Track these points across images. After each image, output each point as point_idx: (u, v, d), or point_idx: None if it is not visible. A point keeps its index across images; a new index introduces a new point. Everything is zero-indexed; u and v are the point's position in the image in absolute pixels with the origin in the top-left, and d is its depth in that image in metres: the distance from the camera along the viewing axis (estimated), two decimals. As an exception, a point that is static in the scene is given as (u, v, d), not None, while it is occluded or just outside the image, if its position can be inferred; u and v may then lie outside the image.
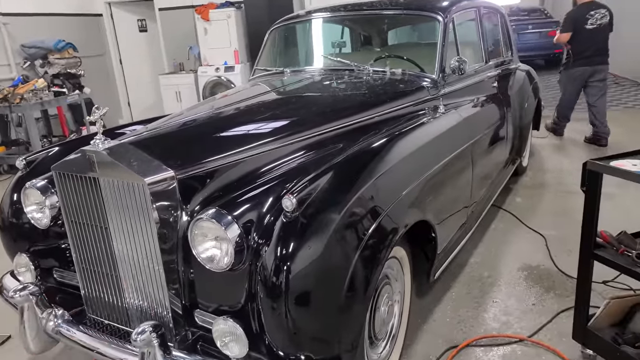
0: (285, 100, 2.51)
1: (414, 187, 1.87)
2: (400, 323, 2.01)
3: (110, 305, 1.78)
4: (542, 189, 3.94)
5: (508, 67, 3.77)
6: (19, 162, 2.12)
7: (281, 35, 3.30)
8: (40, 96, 5.62)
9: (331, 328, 1.46)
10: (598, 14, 4.72)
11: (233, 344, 1.45)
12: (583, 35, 4.73)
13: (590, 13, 4.73)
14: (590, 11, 4.74)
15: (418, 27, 3.33)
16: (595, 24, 4.72)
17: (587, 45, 4.75)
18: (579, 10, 4.83)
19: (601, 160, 1.72)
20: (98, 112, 1.65)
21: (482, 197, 2.88)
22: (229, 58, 7.21)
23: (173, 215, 1.57)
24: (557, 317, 2.24)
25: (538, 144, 5.25)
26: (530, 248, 2.95)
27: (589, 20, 4.72)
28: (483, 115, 2.89)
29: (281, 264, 1.38)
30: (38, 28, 6.85)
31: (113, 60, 8.46)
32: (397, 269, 1.95)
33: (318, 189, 1.51)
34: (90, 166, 1.61)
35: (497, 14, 3.74)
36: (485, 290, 2.53)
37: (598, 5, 4.77)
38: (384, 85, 2.57)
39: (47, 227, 1.94)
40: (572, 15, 4.89)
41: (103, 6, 8.13)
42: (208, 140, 1.88)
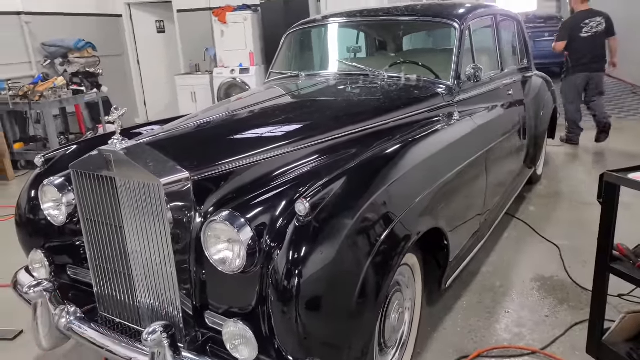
0: (300, 104, 2.52)
1: (427, 194, 1.86)
2: (410, 331, 2.00)
3: (122, 303, 1.80)
4: (556, 198, 3.89)
5: (524, 75, 3.74)
6: (38, 159, 2.16)
7: (297, 39, 3.32)
8: (59, 94, 5.72)
9: (341, 334, 1.46)
10: (594, 22, 4.80)
11: (243, 347, 1.46)
12: (579, 43, 4.82)
13: (586, 22, 4.82)
14: (586, 19, 4.82)
15: (434, 34, 3.32)
16: (590, 32, 4.80)
17: (584, 52, 4.85)
18: (574, 19, 4.93)
19: (619, 172, 1.69)
20: (117, 113, 1.67)
21: (495, 205, 2.86)
22: (245, 60, 7.26)
23: (187, 216, 1.58)
24: (570, 330, 2.20)
25: (553, 153, 5.19)
26: (544, 258, 2.91)
27: (583, 29, 4.82)
28: (498, 123, 2.86)
29: (293, 268, 1.38)
30: (59, 27, 6.98)
31: (131, 60, 8.58)
32: (408, 276, 1.93)
33: (331, 194, 1.51)
34: (107, 165, 1.63)
35: (514, 21, 3.72)
36: (497, 300, 2.50)
37: (594, 13, 4.83)
38: (399, 91, 2.57)
39: (63, 224, 1.97)
40: (567, 24, 5.00)
41: (123, 7, 8.26)
42: (223, 142, 1.90)
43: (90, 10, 7.69)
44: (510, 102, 3.25)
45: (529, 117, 3.64)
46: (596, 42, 4.82)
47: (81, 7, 7.51)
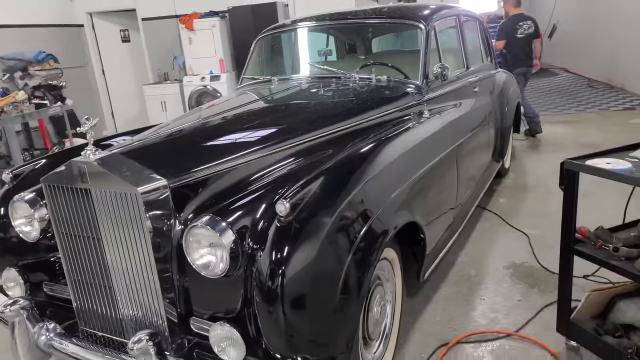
0: (274, 108, 2.55)
1: (402, 190, 1.92)
2: (392, 323, 2.05)
3: (103, 316, 1.78)
4: (523, 189, 4.04)
5: (488, 73, 3.87)
6: (6, 175, 2.11)
7: (268, 44, 3.34)
8: (21, 109, 5.55)
9: (326, 330, 1.49)
10: (525, 25, 5.45)
11: (230, 349, 1.47)
12: (516, 42, 5.46)
13: (520, 24, 5.46)
14: (520, 22, 5.47)
15: (401, 35, 3.41)
16: (524, 33, 5.45)
17: (520, 50, 5.48)
18: (510, 21, 5.57)
19: (577, 159, 1.79)
20: (89, 123, 1.66)
21: (467, 198, 2.95)
22: (215, 67, 7.22)
23: (167, 224, 1.58)
24: (541, 312, 2.31)
25: (519, 146, 5.37)
26: (515, 246, 3.03)
27: (518, 30, 5.45)
28: (466, 119, 2.96)
29: (276, 268, 1.41)
30: (17, 39, 6.77)
31: (95, 71, 8.40)
32: (388, 270, 1.99)
33: (310, 194, 1.55)
34: (81, 177, 1.62)
35: (476, 21, 3.85)
36: (473, 288, 2.59)
37: (525, 17, 5.53)
38: (370, 92, 2.63)
39: (36, 240, 1.93)
40: (505, 25, 5.61)
41: (84, 16, 8.07)
42: (199, 149, 1.91)
43: (49, 21, 7.49)
44: (476, 98, 3.36)
45: (494, 113, 3.78)
46: (529, 42, 5.48)
47: (40, 18, 7.31)
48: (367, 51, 3.45)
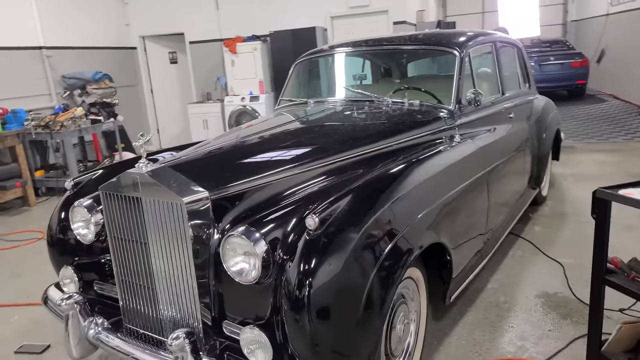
0: (308, 129, 2.68)
1: (429, 211, 1.98)
2: (416, 342, 2.09)
3: (145, 315, 1.92)
4: (561, 218, 3.97)
5: (526, 98, 3.88)
6: (68, 183, 2.33)
7: (305, 68, 3.51)
8: (79, 124, 5.98)
9: (349, 341, 1.56)
10: None
11: (258, 352, 1.57)
12: None
13: None
14: None
15: (436, 61, 3.49)
16: None
17: None
18: None
19: (610, 188, 1.80)
20: (143, 139, 1.84)
21: (499, 224, 2.96)
22: (254, 88, 7.51)
23: (206, 233, 1.72)
24: (572, 343, 2.27)
25: (559, 174, 5.28)
26: (548, 276, 2.99)
27: None
28: (499, 145, 2.99)
29: (304, 278, 1.51)
30: (78, 60, 7.33)
31: (145, 90, 8.91)
32: (412, 289, 2.04)
33: (339, 210, 1.65)
34: (134, 187, 1.79)
35: (514, 47, 3.88)
36: (501, 315, 2.58)
37: None
38: (402, 115, 2.72)
39: (91, 242, 2.12)
40: None
41: (137, 40, 8.63)
42: (238, 164, 2.05)
43: (107, 44, 8.06)
44: (511, 124, 3.38)
45: (531, 139, 3.77)
46: None
47: (99, 41, 7.88)
48: (401, 76, 3.55)
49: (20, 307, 3.04)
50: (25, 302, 3.08)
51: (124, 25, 8.48)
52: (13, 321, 2.88)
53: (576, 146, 6.48)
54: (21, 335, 2.71)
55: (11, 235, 4.47)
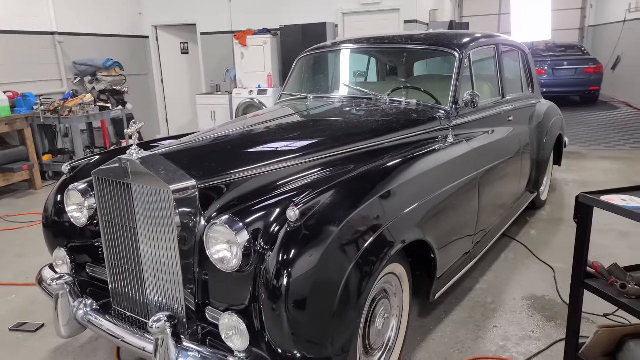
0: (304, 123, 2.71)
1: (415, 208, 2.01)
2: (397, 337, 2.12)
3: (133, 299, 1.98)
4: (558, 223, 3.96)
5: (527, 102, 3.87)
6: (65, 167, 2.39)
7: (308, 63, 3.54)
8: (87, 110, 6.08)
9: (324, 331, 1.60)
10: None
11: (236, 337, 1.62)
12: None
13: None
14: None
15: (436, 61, 3.50)
16: None
17: None
18: None
19: (592, 194, 1.82)
20: (135, 126, 1.89)
21: (491, 226, 2.97)
22: (263, 82, 7.56)
23: (193, 221, 1.76)
24: (554, 346, 2.29)
25: (562, 180, 5.25)
26: (538, 279, 3.00)
27: None
28: (495, 147, 3.00)
29: (282, 268, 1.54)
30: (89, 47, 7.43)
31: (155, 79, 9.00)
32: (395, 285, 2.07)
33: (320, 203, 1.68)
34: (125, 173, 1.84)
35: (519, 51, 3.87)
36: (487, 315, 2.60)
37: None
38: (398, 114, 2.74)
39: (84, 226, 2.18)
40: None
41: (150, 29, 8.71)
42: (229, 155, 2.09)
43: (119, 32, 8.15)
44: (510, 127, 3.38)
45: (531, 143, 3.77)
46: None
47: (111, 28, 7.97)
48: (402, 75, 3.57)
49: (18, 287, 3.12)
50: (24, 282, 3.17)
51: (137, 14, 8.57)
52: (10, 300, 2.97)
53: (583, 152, 6.44)
54: (17, 314, 2.79)
55: (16, 217, 4.58)
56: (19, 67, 6.37)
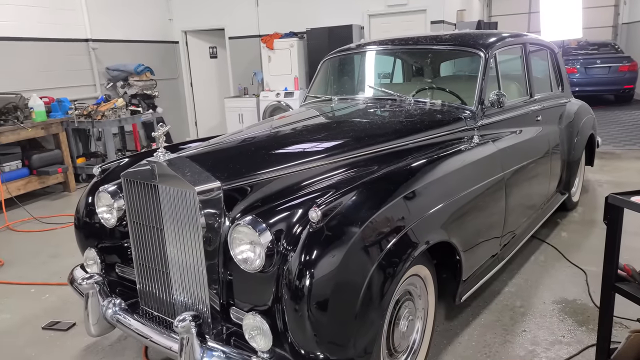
0: (328, 125, 2.72)
1: (439, 209, 1.99)
2: (422, 340, 2.10)
3: (160, 298, 2.03)
4: (590, 225, 3.84)
5: (557, 102, 3.77)
6: (96, 169, 2.47)
7: (333, 65, 3.55)
8: (119, 114, 6.26)
9: (346, 333, 1.60)
10: None
11: (259, 338, 1.63)
12: None
13: None
14: None
15: (461, 61, 3.45)
16: None
17: None
18: None
19: (623, 194, 1.76)
20: (161, 129, 1.94)
21: (519, 228, 2.91)
22: (289, 84, 7.62)
23: (217, 221, 1.79)
24: (585, 351, 2.22)
25: (596, 181, 5.09)
26: (569, 282, 2.91)
27: None
28: (522, 148, 2.93)
29: (304, 269, 1.55)
30: (121, 53, 7.65)
31: (185, 83, 9.19)
32: (420, 287, 2.05)
33: (343, 204, 1.68)
34: (152, 174, 1.89)
35: (547, 50, 3.78)
36: (515, 319, 2.54)
37: None
38: (423, 114, 2.71)
39: (114, 226, 2.25)
40: None
41: (180, 34, 8.91)
42: (253, 157, 2.12)
43: (150, 38, 8.37)
44: (539, 127, 3.30)
45: (561, 143, 3.67)
46: None
47: (142, 34, 8.19)
48: (427, 75, 3.53)
49: (51, 287, 3.24)
50: (57, 282, 3.29)
51: (168, 19, 8.78)
52: (44, 299, 3.08)
53: (617, 152, 6.22)
54: (51, 312, 2.90)
55: (51, 219, 4.75)
56: (55, 73, 6.62)
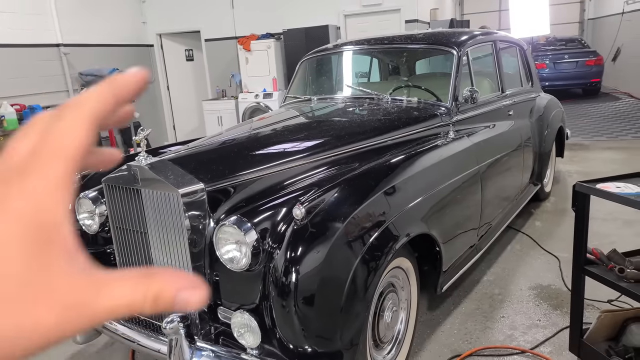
0: (309, 124, 2.77)
1: (418, 203, 2.06)
2: (406, 330, 2.17)
3: (146, 301, 2.04)
4: (562, 214, 3.99)
5: (527, 97, 3.90)
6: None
7: (311, 66, 3.60)
8: (94, 120, 6.17)
9: (332, 326, 1.65)
10: None
11: (248, 335, 1.67)
12: None
13: None
14: None
15: (435, 60, 3.55)
16: None
17: None
18: None
19: (589, 182, 1.86)
20: (142, 133, 1.95)
21: (495, 219, 3.01)
22: (268, 85, 7.63)
23: (202, 223, 1.82)
24: (560, 333, 2.33)
25: (566, 171, 5.27)
26: (544, 269, 3.03)
27: None
28: (495, 141, 3.03)
29: (290, 266, 1.60)
30: (95, 57, 7.54)
31: (161, 87, 9.10)
32: (402, 279, 2.12)
33: (325, 201, 1.73)
34: (134, 179, 1.90)
35: (516, 47, 3.90)
36: (494, 306, 2.64)
37: None
38: (400, 112, 2.79)
39: (96, 233, 2.25)
40: None
41: (154, 37, 8.82)
42: (236, 158, 2.15)
43: (124, 41, 8.27)
44: (510, 121, 3.42)
45: (533, 136, 3.80)
46: None
47: (116, 38, 8.09)
48: (404, 74, 3.61)
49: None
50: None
51: (141, 23, 8.68)
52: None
53: (586, 144, 6.44)
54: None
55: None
56: (26, 79, 6.49)
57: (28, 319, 0.25)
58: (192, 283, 0.28)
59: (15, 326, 0.24)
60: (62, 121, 0.28)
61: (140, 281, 0.27)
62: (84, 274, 0.27)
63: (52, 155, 0.27)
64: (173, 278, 0.27)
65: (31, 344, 0.25)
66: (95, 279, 0.27)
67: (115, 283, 0.27)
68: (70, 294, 0.26)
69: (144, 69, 0.31)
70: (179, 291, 0.27)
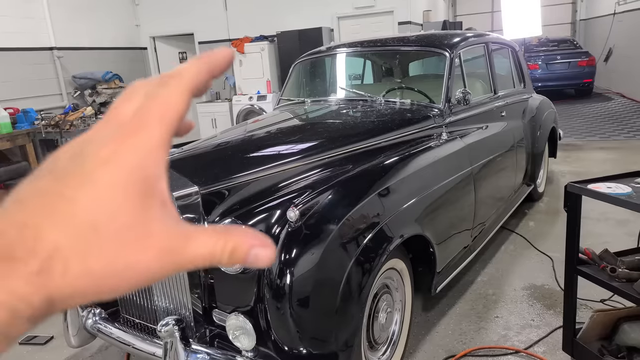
0: (303, 126, 2.78)
1: (412, 204, 2.07)
2: (401, 331, 2.18)
3: (141, 306, 2.04)
4: (555, 214, 4.02)
5: (519, 98, 3.93)
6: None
7: (305, 68, 3.61)
8: (88, 123, 6.15)
9: (327, 328, 1.66)
10: None
11: (243, 337, 1.67)
12: None
13: None
14: None
15: (428, 62, 3.57)
16: None
17: None
18: None
19: (580, 183, 1.88)
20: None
21: (489, 220, 3.03)
22: (262, 88, 7.64)
23: (196, 226, 1.82)
24: (553, 332, 2.35)
25: (559, 172, 5.31)
26: (537, 269, 3.06)
27: None
28: (488, 142, 3.05)
29: (284, 268, 1.61)
30: (88, 60, 7.53)
31: (154, 90, 9.07)
32: (397, 280, 2.13)
33: (320, 203, 1.74)
34: (129, 182, 1.90)
35: (508, 48, 3.94)
36: (488, 306, 2.66)
37: None
38: (393, 114, 2.80)
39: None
40: None
41: (148, 40, 8.81)
42: (230, 160, 2.16)
43: (117, 44, 8.25)
44: (503, 123, 3.44)
45: (526, 137, 3.83)
46: None
47: (109, 41, 8.07)
48: (397, 76, 3.64)
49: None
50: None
51: (134, 26, 8.67)
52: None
53: (578, 144, 6.50)
54: (29, 325, 2.84)
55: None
56: (19, 83, 6.47)
57: (133, 258, 0.28)
58: (263, 242, 0.31)
59: (124, 264, 0.28)
60: (166, 88, 0.31)
61: (220, 236, 0.30)
62: (176, 224, 0.30)
63: (157, 118, 0.30)
64: (248, 236, 0.30)
65: (134, 280, 0.28)
66: (184, 229, 0.30)
67: (200, 235, 0.30)
68: (165, 240, 0.29)
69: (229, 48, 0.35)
70: (251, 247, 0.30)
